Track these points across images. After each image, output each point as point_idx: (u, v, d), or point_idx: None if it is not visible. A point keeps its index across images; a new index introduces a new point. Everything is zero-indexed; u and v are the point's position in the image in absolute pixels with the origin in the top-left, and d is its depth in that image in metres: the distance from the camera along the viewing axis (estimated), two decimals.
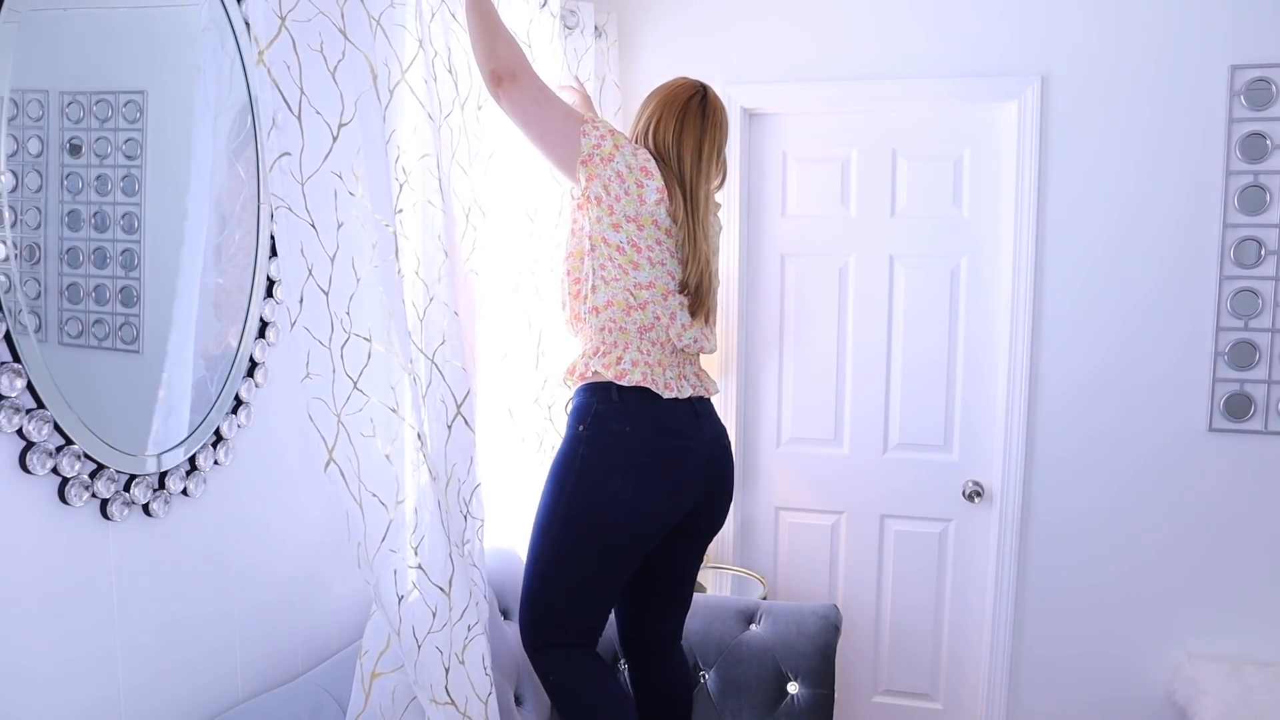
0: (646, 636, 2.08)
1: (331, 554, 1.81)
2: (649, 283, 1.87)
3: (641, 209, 1.85)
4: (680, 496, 1.89)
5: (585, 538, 1.83)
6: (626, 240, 1.85)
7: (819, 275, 2.96)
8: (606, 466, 1.83)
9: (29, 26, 1.15)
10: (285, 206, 1.33)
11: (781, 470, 3.05)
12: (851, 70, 2.82)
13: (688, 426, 1.90)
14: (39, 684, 1.21)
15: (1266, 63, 2.50)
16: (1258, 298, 2.55)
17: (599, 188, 1.84)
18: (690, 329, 1.94)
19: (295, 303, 1.35)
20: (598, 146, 1.84)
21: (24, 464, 1.16)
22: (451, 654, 1.57)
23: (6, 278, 1.13)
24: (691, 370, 1.98)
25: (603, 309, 1.87)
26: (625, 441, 1.83)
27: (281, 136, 1.32)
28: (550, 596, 1.87)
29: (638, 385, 1.84)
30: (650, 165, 1.87)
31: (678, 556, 2.01)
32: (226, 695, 1.54)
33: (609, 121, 1.92)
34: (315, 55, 1.35)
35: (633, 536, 1.85)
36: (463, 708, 1.57)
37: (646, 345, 1.88)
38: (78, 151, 1.25)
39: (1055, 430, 2.76)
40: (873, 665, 3.03)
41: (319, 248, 1.37)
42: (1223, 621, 2.65)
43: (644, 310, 1.87)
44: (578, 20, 2.53)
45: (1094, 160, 2.66)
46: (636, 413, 1.84)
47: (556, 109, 1.85)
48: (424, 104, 1.63)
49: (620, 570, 1.88)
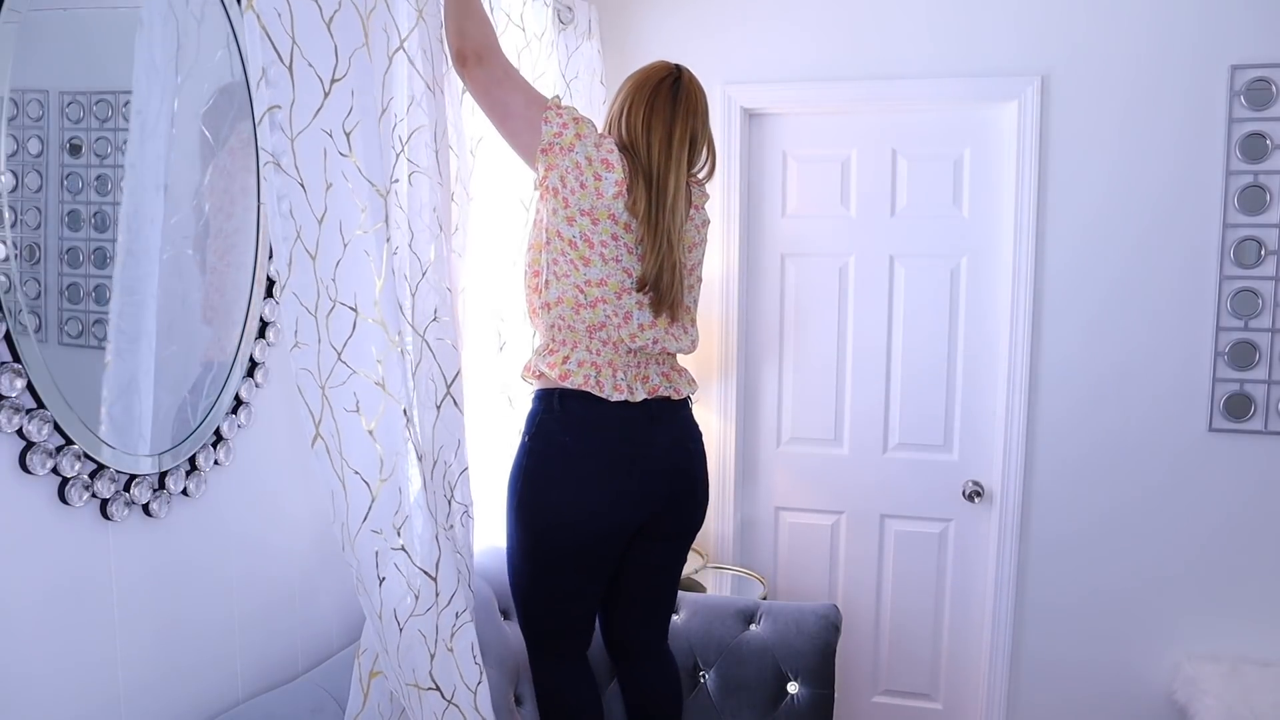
0: (627, 641, 2.06)
1: (332, 553, 1.81)
2: (600, 280, 1.79)
3: (598, 202, 1.77)
4: (630, 504, 1.83)
5: (539, 548, 1.83)
6: (579, 235, 1.78)
7: (819, 275, 2.96)
8: (547, 478, 1.80)
9: (29, 26, 1.14)
10: (274, 162, 1.27)
11: (781, 470, 3.05)
12: (851, 70, 2.82)
13: (637, 433, 1.83)
14: (39, 684, 1.21)
15: (1266, 63, 2.50)
16: (1258, 298, 2.55)
17: (556, 179, 1.77)
18: (650, 329, 1.84)
19: (284, 265, 1.30)
20: (558, 135, 1.76)
21: (24, 464, 1.16)
22: (439, 640, 1.53)
23: (6, 278, 1.13)
24: (657, 370, 1.89)
25: (553, 305, 1.81)
26: (566, 452, 1.80)
27: (271, 90, 1.26)
28: (528, 606, 1.90)
29: (579, 389, 1.78)
30: (612, 157, 1.79)
31: (647, 561, 1.97)
32: (226, 695, 1.54)
33: (576, 109, 1.86)
34: (309, 4, 1.29)
35: (582, 547, 1.82)
36: (449, 695, 1.54)
37: (596, 345, 1.81)
38: (78, 151, 1.25)
39: (1055, 430, 2.76)
40: (873, 665, 3.03)
41: (307, 209, 1.31)
42: (1223, 621, 2.65)
43: (594, 309, 1.80)
44: (572, 17, 2.52)
45: (1094, 160, 2.66)
46: (578, 421, 1.80)
47: (520, 94, 1.78)
48: (422, 74, 1.58)
49: (583, 579, 1.86)
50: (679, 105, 1.85)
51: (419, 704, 1.51)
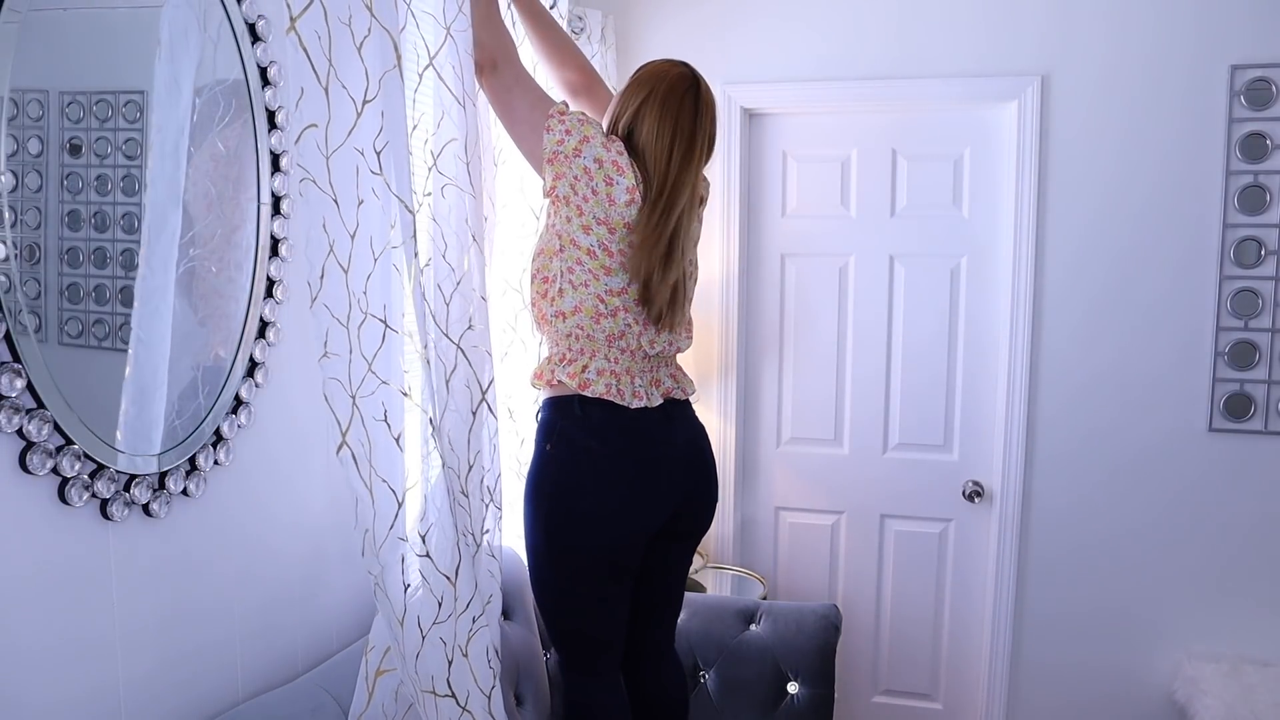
0: (637, 643, 2.04)
1: (332, 554, 1.81)
2: (620, 289, 1.77)
3: (611, 210, 1.73)
4: (657, 504, 1.83)
5: (573, 557, 1.79)
6: (598, 243, 1.74)
7: (819, 275, 2.96)
8: (577, 485, 1.77)
9: (29, 26, 1.14)
10: (310, 179, 1.33)
11: (781, 470, 3.05)
12: (851, 70, 2.82)
13: (659, 433, 1.83)
14: (39, 685, 1.21)
15: (1266, 63, 2.50)
16: (1258, 298, 2.55)
17: (566, 187, 1.73)
18: (665, 333, 1.85)
19: (317, 278, 1.35)
20: (561, 143, 1.72)
21: (24, 464, 1.16)
22: (455, 646, 1.55)
23: (6, 278, 1.13)
24: (666, 373, 1.90)
25: (570, 314, 1.77)
26: (592, 457, 1.76)
27: (309, 107, 1.32)
28: (563, 619, 1.85)
29: (600, 398, 1.76)
30: (622, 160, 1.73)
31: (663, 562, 1.96)
32: (226, 695, 1.54)
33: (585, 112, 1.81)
34: (343, 29, 1.35)
35: (614, 552, 1.80)
36: (463, 702, 1.55)
37: (615, 353, 1.79)
38: (78, 151, 1.25)
39: (1055, 429, 2.76)
40: (873, 665, 3.03)
41: (340, 224, 1.37)
42: (1223, 621, 2.65)
43: (614, 318, 1.77)
44: (584, 25, 2.53)
45: (1094, 160, 2.66)
46: (601, 425, 1.77)
47: (526, 99, 1.75)
48: (451, 89, 1.62)
49: (615, 584, 1.84)
50: (700, 118, 1.79)
51: (435, 711, 1.53)
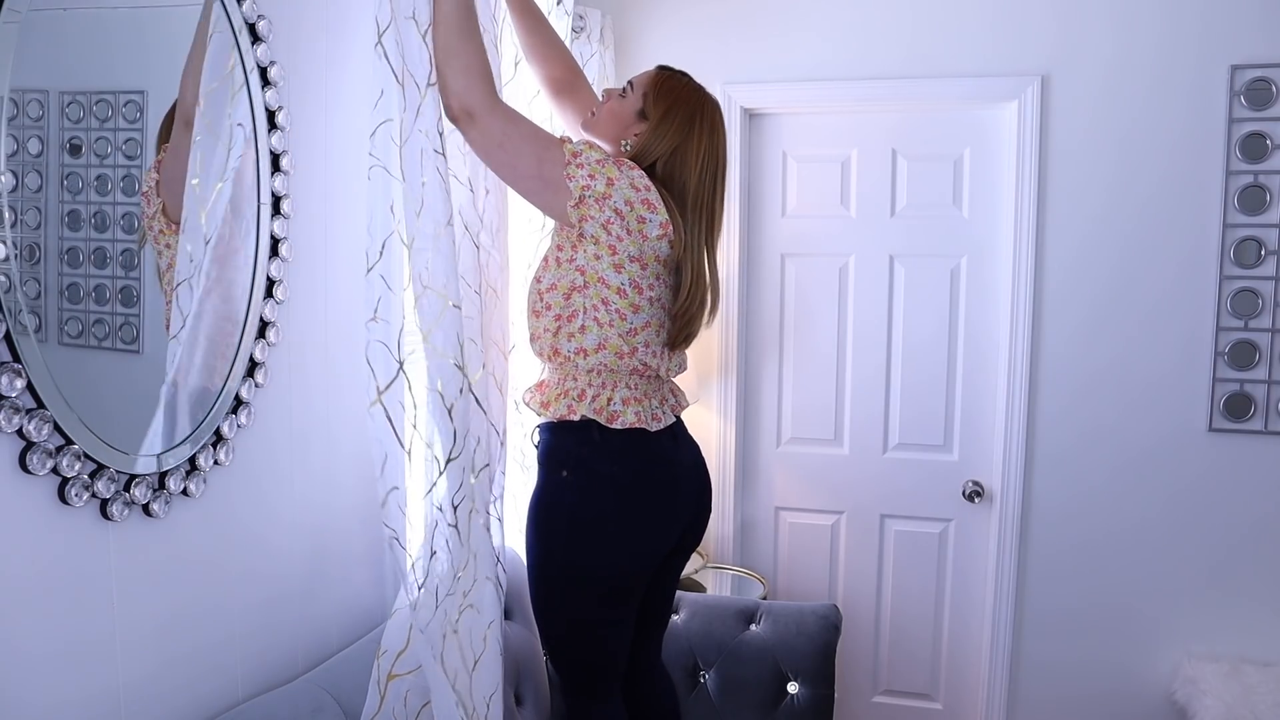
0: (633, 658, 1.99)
1: (332, 554, 1.81)
2: (645, 323, 1.72)
3: (644, 245, 1.67)
4: (674, 524, 1.82)
5: (588, 586, 1.75)
6: (629, 282, 1.68)
7: (819, 275, 2.96)
8: (600, 512, 1.72)
9: (29, 26, 1.14)
10: (381, 166, 1.48)
11: (781, 470, 3.05)
12: (851, 70, 2.82)
13: (671, 452, 1.81)
14: (39, 685, 1.21)
15: (1266, 63, 2.50)
16: (1258, 298, 2.55)
17: (596, 228, 1.65)
18: (677, 355, 1.84)
19: (376, 252, 1.48)
20: (588, 187, 1.62)
21: (24, 464, 1.16)
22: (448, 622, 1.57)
23: (6, 278, 1.13)
24: (669, 389, 1.88)
25: (592, 352, 1.71)
26: (615, 483, 1.72)
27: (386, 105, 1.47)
28: (571, 650, 1.82)
29: (630, 428, 1.72)
30: (652, 196, 1.66)
31: (665, 576, 1.94)
32: (226, 696, 1.54)
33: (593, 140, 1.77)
34: (409, 23, 1.48)
35: (633, 576, 1.77)
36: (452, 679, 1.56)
37: (635, 380, 1.76)
38: (78, 151, 1.25)
39: (1055, 430, 2.76)
40: (873, 665, 3.03)
41: (404, 204, 1.50)
42: (1223, 621, 2.65)
43: (635, 355, 1.73)
44: (584, 25, 2.54)
45: (1094, 160, 2.66)
46: (621, 450, 1.73)
47: (527, 149, 1.61)
48: None
49: (625, 608, 1.81)
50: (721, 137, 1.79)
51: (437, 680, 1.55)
